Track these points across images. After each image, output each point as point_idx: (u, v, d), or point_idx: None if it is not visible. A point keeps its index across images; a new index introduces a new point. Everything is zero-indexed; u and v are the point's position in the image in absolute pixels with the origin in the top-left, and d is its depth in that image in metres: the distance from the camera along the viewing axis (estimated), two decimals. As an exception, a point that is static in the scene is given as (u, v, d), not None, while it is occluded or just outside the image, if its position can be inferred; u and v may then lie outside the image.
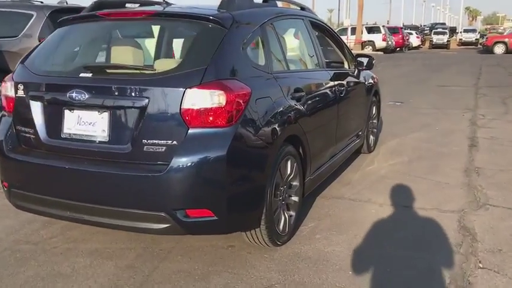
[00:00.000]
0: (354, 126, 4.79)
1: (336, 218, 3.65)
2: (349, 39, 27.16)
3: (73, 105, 2.73)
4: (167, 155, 2.52)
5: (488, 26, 76.58)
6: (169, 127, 2.56)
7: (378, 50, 27.15)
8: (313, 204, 3.91)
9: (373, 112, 5.62)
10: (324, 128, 3.84)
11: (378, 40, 28.08)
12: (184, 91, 2.52)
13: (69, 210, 2.75)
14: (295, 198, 3.30)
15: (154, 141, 2.55)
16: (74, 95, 2.67)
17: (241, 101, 2.63)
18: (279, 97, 3.05)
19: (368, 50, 26.33)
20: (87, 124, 2.72)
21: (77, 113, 2.75)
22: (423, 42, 40.64)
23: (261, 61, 3.09)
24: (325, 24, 4.65)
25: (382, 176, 4.72)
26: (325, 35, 4.59)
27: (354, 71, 4.75)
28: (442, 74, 15.13)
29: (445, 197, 4.10)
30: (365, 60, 4.88)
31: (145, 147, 2.56)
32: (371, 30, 29.31)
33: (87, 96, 2.66)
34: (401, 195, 4.15)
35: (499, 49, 26.83)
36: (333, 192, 4.24)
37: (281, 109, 3.00)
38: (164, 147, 2.54)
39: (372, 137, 5.61)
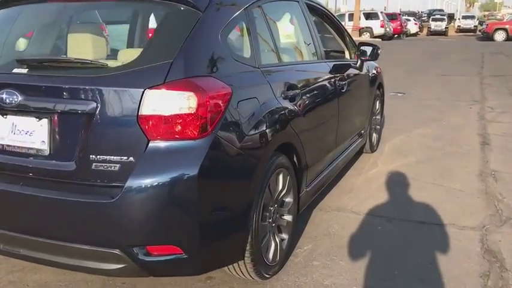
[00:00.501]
0: (357, 125, 4.22)
1: (337, 238, 3.09)
2: (346, 26, 26.36)
3: (4, 109, 2.14)
4: (121, 175, 1.95)
5: (486, 13, 75.68)
6: (124, 139, 1.98)
7: (375, 37, 26.44)
8: (310, 219, 3.36)
9: (377, 107, 5.05)
10: (323, 131, 3.27)
11: (376, 27, 27.35)
12: (143, 92, 1.94)
13: (2, 242, 2.18)
14: (288, 218, 2.74)
15: (105, 157, 1.97)
16: (4, 96, 2.09)
17: (218, 105, 2.05)
18: (269, 97, 2.47)
19: (366, 37, 25.64)
20: (24, 133, 2.14)
21: (10, 119, 2.16)
22: (421, 29, 39.85)
23: (246, 52, 2.50)
24: (323, 7, 4.05)
25: (388, 181, 4.16)
26: (323, 20, 4.00)
27: (357, 62, 4.16)
28: (444, 62, 14.53)
29: (462, 208, 3.55)
30: (369, 50, 4.29)
31: (93, 164, 1.98)
32: (369, 16, 28.54)
33: (20, 97, 2.07)
34: (411, 207, 3.60)
35: (500, 36, 26.19)
36: (333, 201, 3.68)
37: (271, 112, 2.43)
38: (118, 165, 1.96)
39: (375, 135, 5.04)
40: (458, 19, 44.14)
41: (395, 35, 30.52)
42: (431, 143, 5.43)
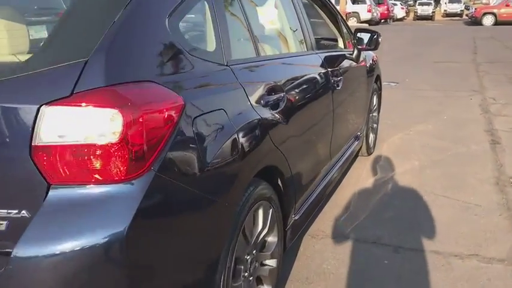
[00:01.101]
0: (353, 127, 3.55)
1: (334, 279, 2.43)
2: (332, 11, 25.57)
3: None
4: (9, 238, 1.24)
5: (472, -3, 75.19)
6: (13, 184, 1.28)
7: (362, 22, 25.71)
8: (299, 250, 2.70)
9: (374, 103, 4.38)
10: (316, 141, 2.60)
11: (363, 11, 26.59)
12: (38, 111, 1.23)
13: None
14: (271, 263, 2.07)
15: (-17, 211, 1.26)
16: None
17: (161, 125, 1.35)
18: (242, 106, 1.78)
19: (352, 22, 24.90)
20: None
21: None
22: (407, 13, 39.22)
23: (209, 44, 1.80)
24: (313, -14, 3.34)
25: (390, 193, 3.51)
26: (313, 2, 3.29)
27: (353, 52, 3.47)
28: (435, 48, 13.91)
29: (483, 231, 2.92)
30: (366, 37, 3.60)
31: (-35, 223, 1.27)
32: (355, 0, 27.77)
33: None
34: (421, 231, 2.94)
35: (488, 20, 25.64)
36: (326, 224, 3.02)
37: (245, 128, 1.73)
38: (3, 224, 1.26)
39: (372, 135, 4.38)
40: (445, 3, 43.59)
41: (382, 20, 29.83)
42: (435, 142, 4.79)
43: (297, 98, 2.25)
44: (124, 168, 1.26)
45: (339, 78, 2.92)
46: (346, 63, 3.27)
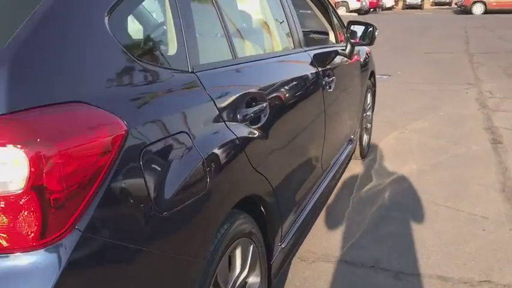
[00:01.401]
0: (347, 131, 3.20)
1: (327, 316, 2.09)
2: (321, 0, 25.09)
3: None
4: None
5: (460, -15, 74.98)
6: None
7: (351, 11, 25.33)
8: (287, 278, 2.35)
9: (368, 102, 4.03)
10: (304, 156, 2.24)
11: (352, 0, 26.18)
12: None
13: None
14: (252, 308, 1.71)
15: None
16: None
17: (90, 164, 0.97)
18: (211, 125, 1.40)
19: (341, 12, 24.48)
20: None
21: None
22: (396, 2, 38.88)
23: (169, 46, 1.41)
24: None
25: (387, 204, 3.17)
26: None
27: (346, 47, 3.09)
28: (426, 38, 13.59)
29: (494, 250, 2.60)
30: (360, 30, 3.23)
31: None
32: (344, -11, 27.31)
33: None
34: (424, 250, 2.61)
35: (478, 9, 25.38)
36: (317, 243, 2.67)
37: (215, 153, 1.36)
38: None
39: (365, 137, 4.04)
40: (434, -8, 43.28)
41: (371, 9, 29.46)
42: (432, 142, 4.46)
43: (282, 107, 1.89)
44: (34, 230, 0.88)
45: (331, 79, 2.56)
46: (338, 60, 2.90)
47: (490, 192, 3.34)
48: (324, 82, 2.44)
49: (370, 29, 3.07)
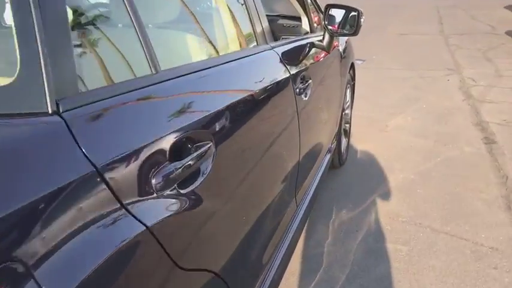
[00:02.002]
0: (326, 143, 2.57)
1: None
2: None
3: None
4: None
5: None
6: None
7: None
8: None
9: (348, 99, 3.41)
10: (272, 208, 1.58)
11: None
12: None
13: None
14: None
15: None
16: None
17: None
18: (87, 217, 0.72)
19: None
20: None
21: None
22: (365, -20, 38.38)
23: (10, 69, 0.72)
24: None
25: (375, 231, 2.58)
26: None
27: (323, 37, 2.43)
28: (398, 18, 13.08)
29: (513, 300, 2.04)
30: (341, 15, 2.56)
31: None
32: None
33: None
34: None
35: (447, -12, 25.08)
36: (291, 296, 2.06)
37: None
38: None
39: (344, 140, 3.43)
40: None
41: (341, -13, 28.80)
42: (419, 142, 3.89)
43: (238, 145, 1.22)
44: None
45: (306, 84, 1.90)
46: (314, 56, 2.25)
47: (494, 210, 2.79)
48: (297, 90, 1.78)
49: (354, 14, 2.39)
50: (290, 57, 1.84)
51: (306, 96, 1.89)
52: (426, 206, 2.84)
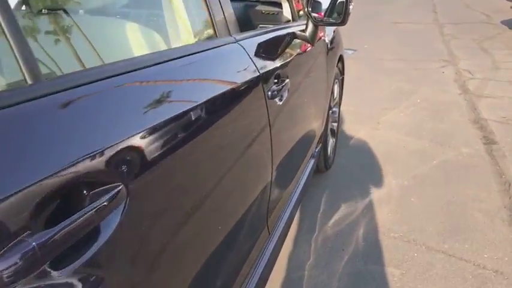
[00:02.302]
0: (308, 147, 2.24)
1: None
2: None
3: None
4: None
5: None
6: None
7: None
8: None
9: (335, 95, 3.07)
10: (235, 238, 1.24)
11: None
12: None
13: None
14: None
15: None
16: None
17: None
18: None
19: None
20: None
21: None
22: (358, -34, 37.83)
23: None
24: None
25: (363, 250, 2.27)
26: None
27: (306, 26, 2.08)
28: (391, 6, 12.68)
29: None
30: (326, 1, 2.20)
31: None
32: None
33: None
34: None
35: (441, -25, 24.70)
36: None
37: None
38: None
39: (331, 140, 3.10)
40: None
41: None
42: (412, 142, 3.57)
43: (189, 166, 0.90)
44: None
45: (281, 85, 1.56)
46: (295, 49, 1.90)
47: (497, 223, 2.48)
48: (269, 93, 1.44)
49: (343, 0, 2.04)
50: (261, 52, 1.49)
51: (281, 100, 1.55)
52: (421, 218, 2.53)
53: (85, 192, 0.65)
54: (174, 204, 0.88)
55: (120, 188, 0.70)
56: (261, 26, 2.32)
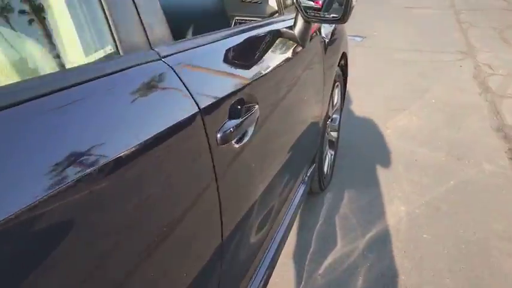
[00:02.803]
0: (296, 170, 1.73)
1: None
2: None
3: None
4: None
5: None
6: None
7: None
8: None
9: (336, 101, 2.54)
10: None
11: None
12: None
13: None
14: None
15: None
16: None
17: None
18: None
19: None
20: None
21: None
22: None
23: None
24: None
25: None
26: None
27: (295, 23, 1.55)
28: (404, -12, 11.95)
29: None
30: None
31: None
32: None
33: None
34: None
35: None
36: None
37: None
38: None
39: (329, 154, 2.59)
40: None
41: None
42: (426, 155, 3.04)
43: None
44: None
45: (243, 118, 1.04)
46: (274, 57, 1.37)
47: (531, 275, 1.97)
48: (219, 136, 0.92)
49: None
50: (211, 71, 0.97)
51: (239, 142, 1.03)
52: (435, 264, 2.02)
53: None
54: None
55: None
56: (237, 18, 1.78)
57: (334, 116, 2.64)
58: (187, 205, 0.83)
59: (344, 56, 2.54)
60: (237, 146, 1.01)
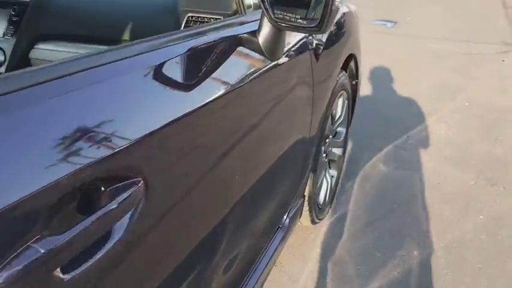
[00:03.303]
0: (268, 218, 1.28)
1: None
2: None
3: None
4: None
5: None
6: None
7: None
8: None
9: (340, 112, 2.05)
10: None
11: None
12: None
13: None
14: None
15: None
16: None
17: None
18: None
19: None
20: None
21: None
22: None
23: None
24: None
25: None
26: None
27: (260, 28, 1.06)
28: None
29: None
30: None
31: None
32: None
33: None
34: None
35: None
36: None
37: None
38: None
39: (328, 178, 2.10)
40: None
41: None
42: (452, 176, 2.51)
43: None
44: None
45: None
46: (226, 77, 0.90)
47: None
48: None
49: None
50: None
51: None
52: None
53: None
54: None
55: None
56: (190, 15, 1.30)
57: (338, 129, 2.14)
58: None
59: (352, 57, 2.03)
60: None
